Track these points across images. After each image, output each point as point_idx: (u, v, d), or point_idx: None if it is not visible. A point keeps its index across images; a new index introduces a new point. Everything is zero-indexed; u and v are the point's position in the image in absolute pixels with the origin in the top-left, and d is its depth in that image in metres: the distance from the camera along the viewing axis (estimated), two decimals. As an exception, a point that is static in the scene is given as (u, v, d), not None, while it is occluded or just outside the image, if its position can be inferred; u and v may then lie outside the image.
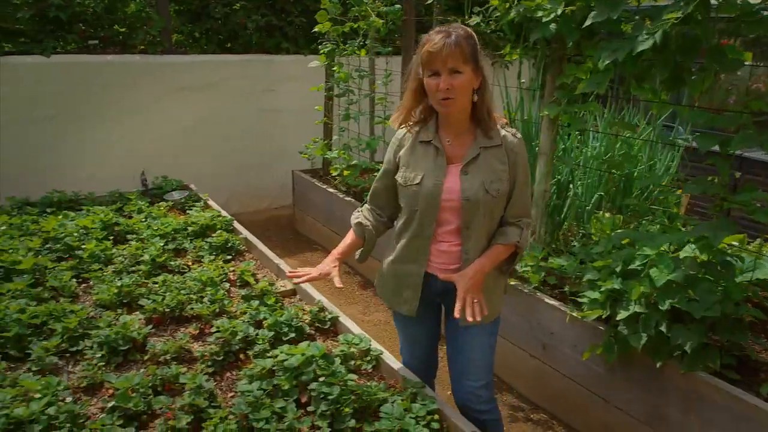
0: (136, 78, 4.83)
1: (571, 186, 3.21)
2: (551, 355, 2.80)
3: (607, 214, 3.30)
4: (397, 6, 3.73)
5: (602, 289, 2.41)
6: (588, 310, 2.44)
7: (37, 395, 1.93)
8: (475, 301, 1.83)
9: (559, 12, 2.47)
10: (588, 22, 2.31)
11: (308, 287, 2.81)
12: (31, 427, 1.80)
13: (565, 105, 2.71)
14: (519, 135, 2.00)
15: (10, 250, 3.01)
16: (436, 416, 1.93)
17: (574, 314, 2.60)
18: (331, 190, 4.56)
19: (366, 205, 2.20)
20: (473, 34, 1.85)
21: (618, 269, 2.38)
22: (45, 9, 4.30)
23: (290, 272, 2.05)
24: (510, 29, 2.83)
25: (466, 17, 3.08)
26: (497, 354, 2.85)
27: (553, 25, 2.53)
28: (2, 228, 3.30)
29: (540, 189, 2.92)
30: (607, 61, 2.25)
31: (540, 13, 2.54)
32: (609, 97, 3.55)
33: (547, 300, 2.77)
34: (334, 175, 4.47)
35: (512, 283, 2.90)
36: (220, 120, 5.31)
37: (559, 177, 3.10)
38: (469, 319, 1.80)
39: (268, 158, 5.67)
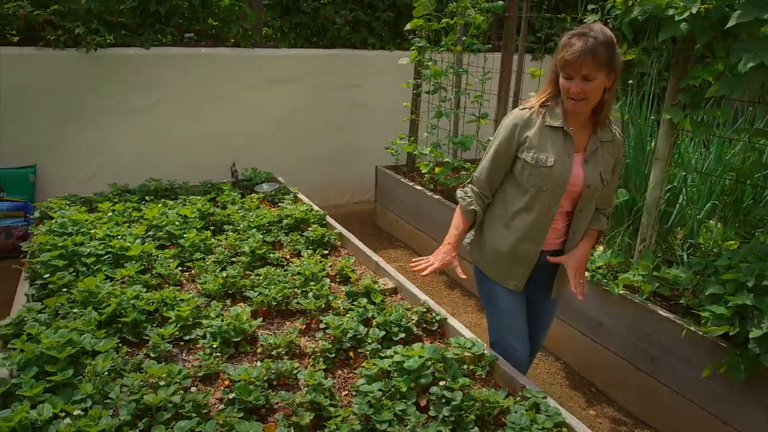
0: (227, 70, 4.93)
1: (682, 194, 3.05)
2: (660, 369, 2.67)
3: (719, 224, 3.13)
4: (501, 2, 3.63)
5: (730, 305, 2.26)
6: (711, 326, 2.30)
7: (162, 383, 1.96)
8: (581, 281, 2.12)
9: (694, 10, 2.33)
10: (731, 23, 2.16)
11: (411, 286, 2.78)
12: (160, 414, 1.83)
13: (689, 109, 2.56)
14: (620, 133, 2.20)
15: (119, 237, 3.10)
16: (564, 430, 1.85)
17: (692, 328, 2.47)
18: (418, 187, 4.52)
19: (474, 188, 2.23)
20: (612, 38, 1.91)
21: (750, 284, 2.23)
22: (146, 2, 4.43)
23: (413, 262, 2.13)
24: (630, 28, 2.70)
25: (579, 15, 2.96)
26: (597, 363, 2.83)
27: (684, 24, 2.39)
28: (108, 214, 3.41)
29: (654, 195, 2.79)
30: (751, 64, 2.11)
31: (671, 11, 2.40)
32: (723, 100, 3.35)
33: (660, 312, 2.64)
34: (423, 172, 4.42)
35: (620, 292, 2.78)
36: (305, 113, 5.37)
37: (673, 184, 2.95)
38: (580, 297, 2.09)
39: (351, 153, 5.69)
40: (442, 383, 1.98)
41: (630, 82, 3.27)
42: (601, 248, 3.22)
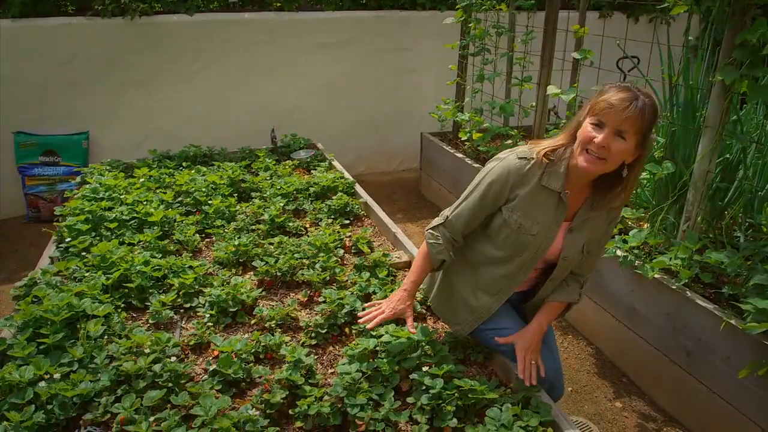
0: (272, 35, 4.88)
1: (741, 167, 2.68)
2: (696, 365, 2.40)
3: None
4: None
5: (775, 299, 1.96)
6: (752, 322, 2.01)
7: (147, 350, 1.97)
8: (533, 362, 1.84)
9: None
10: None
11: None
12: (136, 382, 1.83)
13: (745, 68, 2.21)
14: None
15: (145, 202, 3.16)
16: (550, 429, 1.68)
17: (732, 322, 2.18)
18: (459, 155, 4.31)
19: (446, 233, 1.94)
20: (658, 107, 1.64)
21: (800, 277, 1.92)
22: (190, -32, 4.43)
23: (361, 314, 1.97)
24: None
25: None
26: (630, 352, 2.70)
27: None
28: (141, 180, 3.49)
29: (702, 168, 2.46)
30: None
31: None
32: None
33: (698, 301, 2.35)
34: (463, 139, 4.20)
35: (656, 276, 2.50)
36: (352, 78, 5.24)
37: (728, 155, 2.59)
38: (527, 383, 1.81)
39: (400, 119, 5.52)
40: (426, 368, 1.85)
41: (690, 38, 2.88)
42: (645, 225, 2.92)
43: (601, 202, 1.80)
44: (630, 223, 2.93)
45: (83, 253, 2.64)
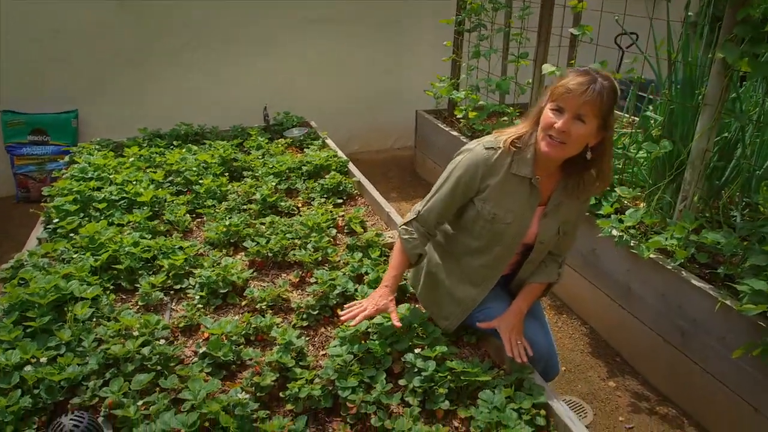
0: (264, 11, 4.77)
1: (739, 146, 2.64)
2: (690, 345, 2.39)
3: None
4: None
5: (771, 280, 1.94)
6: (748, 303, 1.99)
7: (136, 333, 1.94)
8: (519, 342, 1.82)
9: None
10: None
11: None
12: (125, 366, 1.80)
13: (746, 45, 2.16)
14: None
15: (135, 182, 3.11)
16: (542, 411, 1.67)
17: (728, 303, 2.16)
18: (454, 133, 4.26)
19: (419, 227, 1.92)
20: (617, 89, 1.64)
21: (797, 257, 1.89)
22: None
23: (343, 314, 1.91)
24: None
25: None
26: (624, 332, 2.73)
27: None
28: (131, 159, 3.43)
29: (700, 147, 2.42)
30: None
31: None
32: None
33: (693, 281, 2.33)
34: (459, 117, 4.13)
35: (652, 256, 2.48)
36: (346, 54, 5.14)
37: (726, 134, 2.54)
38: (518, 360, 1.79)
39: (394, 96, 5.43)
40: (418, 350, 1.83)
41: (690, 14, 2.82)
42: (641, 204, 2.89)
43: (575, 188, 1.80)
44: (626, 202, 2.90)
45: (71, 234, 2.60)
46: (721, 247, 2.25)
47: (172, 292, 2.33)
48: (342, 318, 1.91)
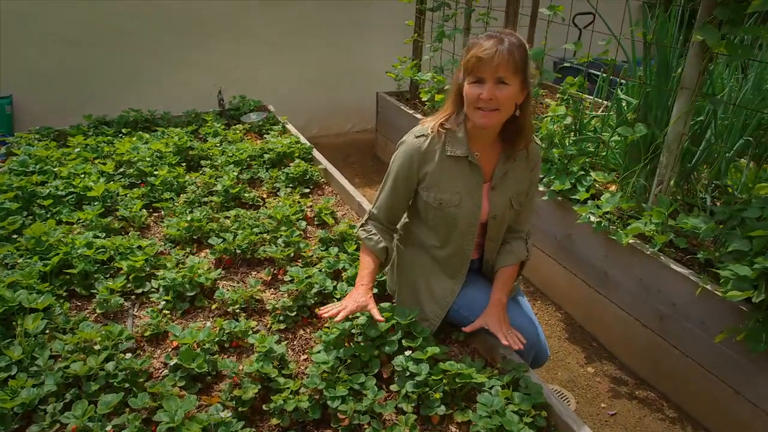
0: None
1: (710, 129, 2.64)
2: (669, 330, 2.39)
3: (751, 164, 2.73)
4: None
5: (756, 266, 1.93)
6: (732, 289, 1.99)
7: (97, 347, 1.76)
8: (510, 332, 1.78)
9: None
10: None
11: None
12: (88, 385, 1.63)
13: (725, 28, 2.13)
14: (539, 142, 1.93)
15: (83, 175, 2.87)
16: (543, 413, 1.61)
17: (708, 287, 2.16)
18: (419, 116, 4.15)
19: (375, 224, 1.91)
20: (525, 43, 1.65)
21: (783, 242, 1.89)
22: None
23: (322, 310, 1.82)
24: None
25: None
26: (600, 317, 2.75)
27: None
28: (77, 150, 3.17)
29: (676, 131, 2.40)
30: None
31: None
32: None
33: (673, 266, 2.32)
34: (424, 99, 4.02)
35: (630, 241, 2.46)
36: (302, 34, 4.92)
37: (701, 118, 2.53)
38: (515, 348, 1.75)
39: (353, 78, 5.26)
40: (408, 352, 1.74)
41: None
42: (613, 187, 2.87)
43: (512, 150, 1.80)
44: (599, 186, 2.88)
45: (15, 236, 2.36)
46: (701, 233, 2.24)
47: (133, 296, 2.15)
48: (322, 314, 1.81)
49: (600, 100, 3.37)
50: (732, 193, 2.66)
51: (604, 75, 3.22)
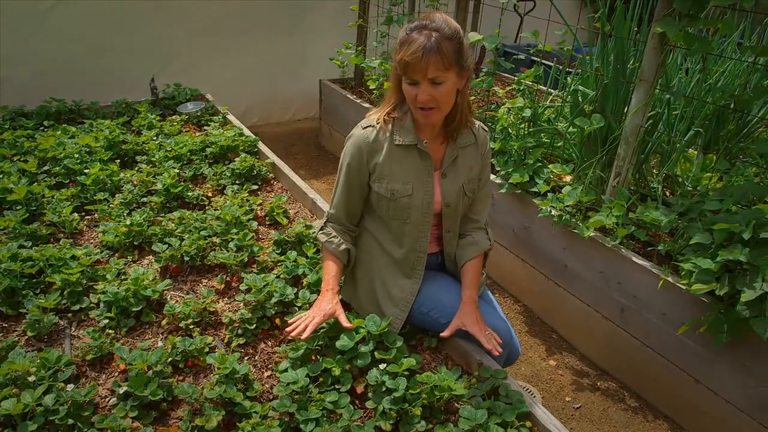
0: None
1: (662, 121, 2.67)
2: (629, 321, 2.41)
3: (700, 154, 2.79)
4: None
5: (718, 258, 1.95)
6: (696, 282, 2.00)
7: (32, 377, 1.56)
8: (487, 332, 1.73)
9: None
10: None
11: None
12: (24, 426, 1.43)
13: (684, 20, 2.12)
14: (486, 127, 1.89)
15: (1, 175, 2.57)
16: (528, 423, 1.55)
17: (670, 279, 2.17)
18: (366, 104, 4.01)
19: (335, 226, 1.84)
20: (458, 29, 1.59)
21: (746, 235, 1.91)
22: None
23: (290, 328, 1.69)
24: None
25: None
26: (560, 309, 2.74)
27: None
28: (-9, 145, 2.84)
29: (634, 123, 2.39)
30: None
31: None
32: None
33: (634, 259, 2.33)
34: (372, 87, 3.89)
35: (591, 234, 2.45)
36: (239, 17, 4.62)
37: (658, 110, 2.55)
38: (496, 353, 1.69)
39: (296, 63, 5.02)
40: (382, 365, 1.63)
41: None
42: (569, 178, 2.87)
43: (455, 133, 1.77)
44: (553, 178, 2.86)
45: None
46: (662, 226, 2.25)
47: (69, 314, 1.93)
48: (290, 333, 1.68)
49: (552, 90, 3.36)
50: (682, 183, 2.70)
51: (559, 66, 3.20)
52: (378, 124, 1.74)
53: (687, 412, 2.27)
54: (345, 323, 1.70)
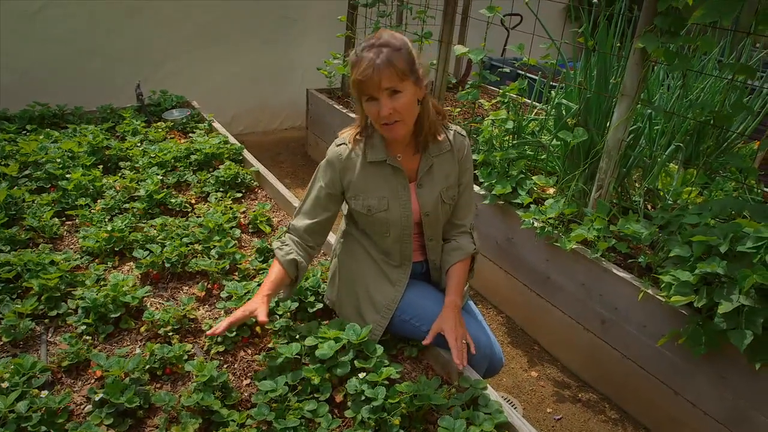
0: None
1: (644, 135, 2.71)
2: (610, 333, 2.42)
3: (681, 168, 2.83)
4: None
5: (697, 271, 1.98)
6: (675, 294, 2.02)
7: (5, 384, 1.53)
8: (463, 342, 1.71)
9: None
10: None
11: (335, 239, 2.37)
12: (-3, 432, 1.41)
13: (664, 37, 2.16)
14: (464, 131, 1.88)
15: (-20, 178, 2.54)
16: (506, 433, 1.55)
17: (650, 292, 2.19)
18: (352, 114, 4.03)
19: (293, 237, 1.83)
20: (406, 41, 1.62)
21: (723, 248, 1.94)
22: None
23: (209, 332, 1.68)
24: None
25: None
26: (542, 321, 2.76)
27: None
28: (-28, 148, 2.81)
29: (616, 137, 2.43)
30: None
31: None
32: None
33: (615, 271, 2.35)
34: (357, 98, 3.90)
35: (573, 246, 2.47)
36: (226, 25, 4.64)
37: (639, 124, 2.58)
38: (460, 368, 1.67)
39: (281, 73, 5.04)
40: (362, 375, 1.63)
41: (595, 1, 2.82)
42: (551, 190, 2.89)
43: (424, 143, 1.77)
44: (537, 190, 2.88)
45: None
46: (642, 239, 2.28)
47: (46, 320, 1.91)
48: (207, 333, 1.70)
49: (536, 104, 3.39)
50: (663, 197, 2.74)
51: (543, 79, 3.24)
52: (349, 142, 1.76)
53: (666, 424, 2.28)
54: (262, 317, 1.63)
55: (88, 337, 1.81)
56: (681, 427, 2.22)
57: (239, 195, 2.85)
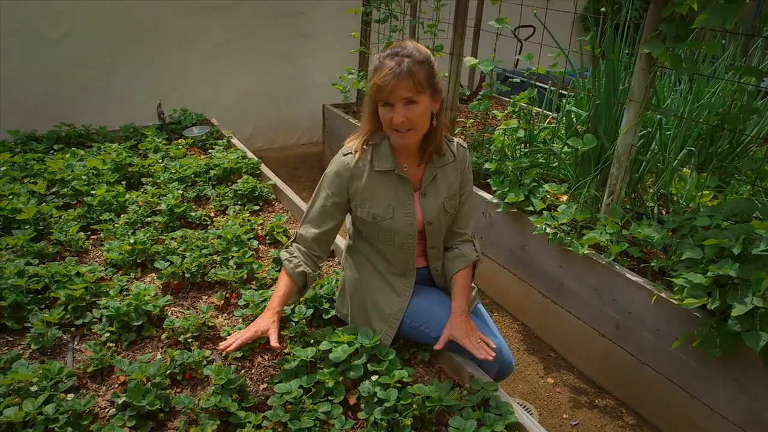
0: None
1: (655, 139, 2.72)
2: (625, 337, 2.42)
3: (694, 173, 2.83)
4: None
5: (709, 273, 1.98)
6: (688, 297, 2.03)
7: (34, 388, 1.60)
8: (479, 341, 1.75)
9: None
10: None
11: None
12: (25, 432, 1.47)
13: (670, 42, 2.19)
14: (465, 144, 1.94)
15: (11, 196, 2.65)
16: (516, 433, 1.57)
17: (663, 295, 2.20)
18: (366, 129, 4.10)
19: (300, 247, 1.87)
20: (429, 55, 1.66)
21: (735, 251, 1.94)
22: None
23: (221, 345, 1.74)
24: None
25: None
26: (557, 327, 2.75)
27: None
28: (3, 168, 2.93)
29: (625, 142, 2.45)
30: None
31: None
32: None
33: (628, 275, 2.36)
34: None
35: (586, 251, 2.48)
36: (244, 44, 4.77)
37: (649, 129, 2.60)
38: (490, 359, 1.71)
39: (298, 89, 5.15)
40: (374, 377, 1.67)
41: (602, 9, 2.85)
42: (564, 197, 2.91)
43: (430, 155, 1.81)
44: (550, 197, 2.90)
45: (-67, 266, 2.14)
46: (654, 242, 2.29)
47: (72, 329, 1.98)
48: (219, 348, 1.74)
49: (548, 112, 3.43)
50: (677, 201, 2.74)
51: (552, 88, 3.28)
52: (357, 151, 1.79)
53: (683, 428, 2.27)
54: (274, 343, 1.70)
55: (111, 345, 1.88)
56: (697, 430, 2.20)
57: (257, 208, 2.92)
